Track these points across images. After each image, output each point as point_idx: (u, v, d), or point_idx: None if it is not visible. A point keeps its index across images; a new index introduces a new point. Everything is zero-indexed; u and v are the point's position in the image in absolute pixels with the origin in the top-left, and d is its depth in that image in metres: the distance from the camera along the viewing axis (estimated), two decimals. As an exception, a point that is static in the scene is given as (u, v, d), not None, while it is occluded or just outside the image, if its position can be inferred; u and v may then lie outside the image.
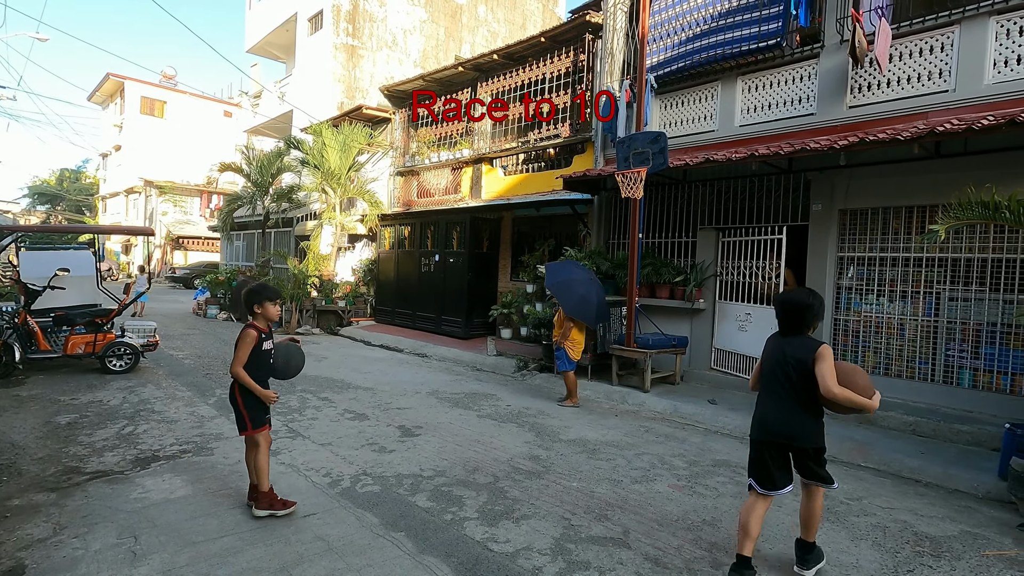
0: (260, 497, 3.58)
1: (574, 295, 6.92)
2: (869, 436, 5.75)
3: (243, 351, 3.55)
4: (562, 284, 7.04)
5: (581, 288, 6.98)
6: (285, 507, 3.60)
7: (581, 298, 6.91)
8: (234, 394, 3.61)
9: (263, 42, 22.03)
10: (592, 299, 6.98)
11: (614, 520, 3.72)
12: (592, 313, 6.98)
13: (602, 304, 7.17)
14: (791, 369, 2.99)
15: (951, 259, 6.19)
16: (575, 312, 6.86)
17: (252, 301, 3.68)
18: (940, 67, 6.26)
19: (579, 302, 6.89)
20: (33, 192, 44.69)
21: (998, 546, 3.58)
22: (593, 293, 7.03)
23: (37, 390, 6.61)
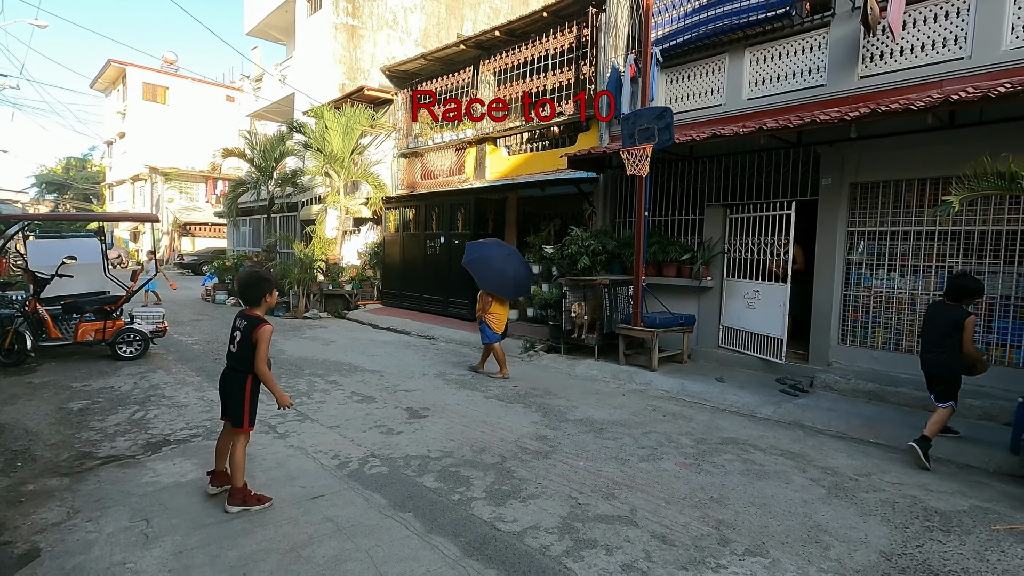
0: (235, 492, 3.44)
1: (489, 270, 7.17)
2: (878, 412, 5.72)
3: (266, 349, 3.44)
4: (477, 261, 7.29)
5: (497, 263, 7.20)
6: (260, 503, 3.46)
7: (497, 272, 7.15)
8: (243, 388, 3.45)
9: (263, 24, 21.77)
10: (508, 273, 7.19)
11: (621, 499, 3.73)
12: (508, 287, 7.21)
13: (520, 278, 7.35)
14: None
15: (964, 232, 6.07)
16: (489, 286, 7.15)
17: (264, 291, 3.55)
18: (956, 33, 6.06)
19: (493, 276, 7.14)
20: (41, 181, 44.89)
21: (1009, 520, 3.56)
22: (510, 268, 7.24)
23: (49, 377, 6.69)
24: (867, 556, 3.10)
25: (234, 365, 3.51)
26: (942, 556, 3.12)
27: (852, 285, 6.87)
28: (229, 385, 3.50)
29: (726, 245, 8.03)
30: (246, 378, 3.46)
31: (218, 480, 3.63)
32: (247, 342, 3.44)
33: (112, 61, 33.60)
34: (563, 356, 8.30)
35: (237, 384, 3.47)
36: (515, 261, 7.43)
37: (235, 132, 24.39)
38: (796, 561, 3.03)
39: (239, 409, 3.46)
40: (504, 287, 7.17)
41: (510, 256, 7.43)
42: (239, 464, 3.47)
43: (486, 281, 7.17)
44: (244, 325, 3.48)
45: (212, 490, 3.61)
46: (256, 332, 3.42)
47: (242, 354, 3.46)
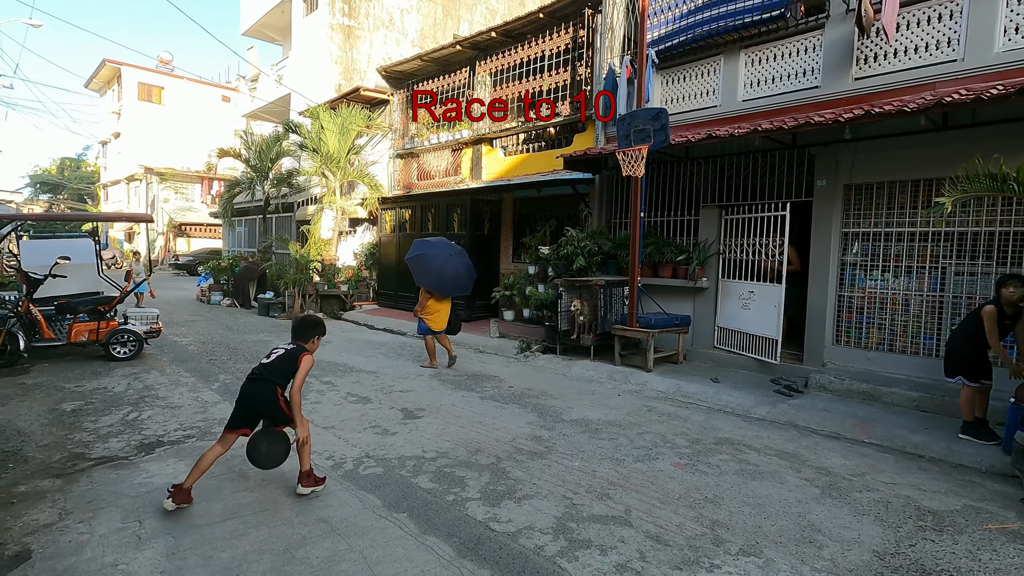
0: (305, 476, 3.64)
1: (428, 268, 7.50)
2: (872, 412, 5.74)
3: (303, 378, 3.62)
4: (416, 259, 7.64)
5: (436, 261, 7.51)
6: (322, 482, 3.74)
7: (435, 270, 7.47)
8: (276, 395, 3.55)
9: (259, 24, 21.71)
10: (447, 272, 7.49)
11: (616, 499, 3.73)
12: (445, 285, 7.51)
13: (459, 278, 7.63)
14: None
15: (957, 233, 6.10)
16: (424, 283, 7.56)
17: (315, 333, 3.84)
18: (948, 35, 6.10)
19: (430, 273, 7.49)
20: (35, 181, 44.69)
21: (1001, 520, 3.58)
22: (450, 267, 7.54)
23: (42, 378, 6.66)
24: (860, 555, 3.11)
25: (263, 375, 3.57)
26: (935, 555, 3.13)
27: (846, 286, 6.90)
28: (263, 397, 3.55)
29: (721, 246, 8.05)
30: (275, 388, 3.57)
31: (180, 498, 3.40)
32: (290, 362, 3.60)
33: (107, 61, 33.45)
34: (559, 357, 8.31)
35: (270, 393, 3.55)
36: (457, 261, 7.69)
37: (231, 132, 24.34)
38: (790, 560, 3.04)
39: (280, 413, 3.56)
40: (440, 285, 7.47)
41: (452, 256, 7.69)
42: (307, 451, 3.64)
43: (422, 277, 7.56)
44: (291, 347, 3.72)
45: (169, 506, 3.37)
46: (302, 357, 3.63)
47: (277, 369, 3.59)
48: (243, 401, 3.57)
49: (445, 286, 7.52)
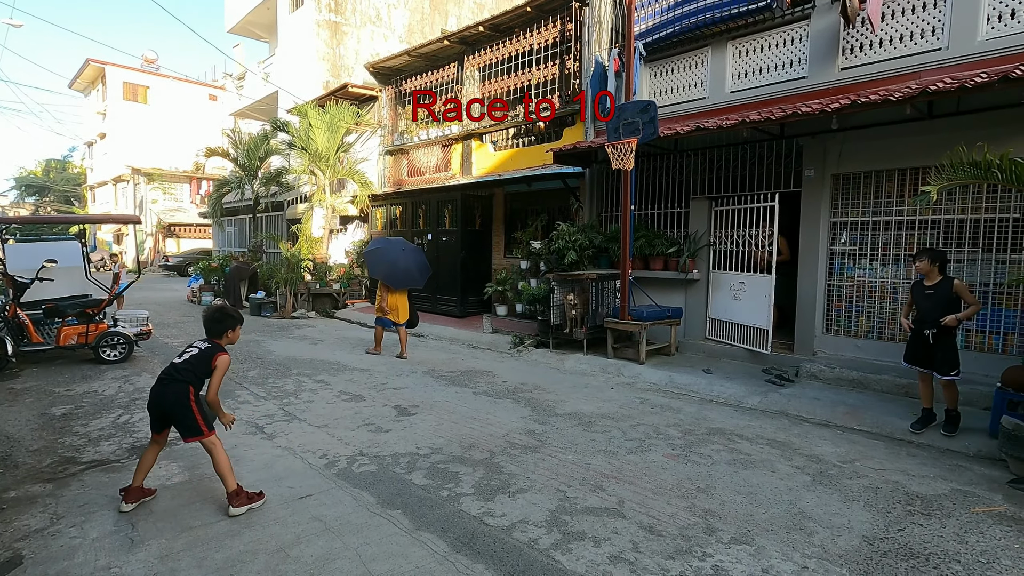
0: (235, 495, 3.41)
1: (381, 261, 8.11)
2: (862, 400, 5.80)
3: (220, 380, 3.48)
4: (372, 253, 8.32)
5: (389, 256, 8.09)
6: (260, 499, 3.52)
7: (388, 264, 8.04)
8: (187, 397, 3.38)
9: (244, 21, 21.50)
10: (399, 265, 8.04)
11: (609, 491, 3.76)
12: (397, 277, 8.06)
13: (409, 271, 8.13)
14: None
15: (944, 221, 6.16)
16: (377, 274, 8.22)
17: (227, 327, 3.59)
18: (933, 24, 6.13)
19: (379, 265, 8.09)
20: (20, 184, 44.14)
21: (988, 502, 3.64)
22: (401, 261, 8.07)
23: (31, 382, 6.60)
24: (850, 541, 3.15)
25: (174, 375, 3.40)
26: (923, 539, 3.18)
27: (836, 275, 6.95)
28: (172, 397, 3.37)
29: (712, 237, 8.08)
30: (187, 388, 3.39)
31: (133, 496, 3.44)
32: (204, 362, 3.44)
33: (91, 60, 32.99)
34: (552, 351, 8.33)
35: (181, 394, 3.37)
36: (410, 257, 8.22)
37: (218, 131, 24.10)
38: (780, 547, 3.07)
39: (191, 418, 3.36)
40: (392, 277, 8.05)
41: (405, 251, 8.25)
42: (225, 468, 3.41)
43: (375, 269, 8.21)
44: (205, 347, 3.52)
45: (125, 507, 3.39)
46: (217, 358, 3.45)
47: (188, 369, 3.42)
48: (152, 405, 3.44)
49: (397, 279, 8.06)
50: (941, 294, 4.78)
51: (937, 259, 4.86)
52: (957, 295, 4.74)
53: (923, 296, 4.90)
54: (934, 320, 4.76)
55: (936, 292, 4.81)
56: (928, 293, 4.86)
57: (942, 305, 4.76)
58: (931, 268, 4.83)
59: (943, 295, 4.77)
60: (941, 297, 4.77)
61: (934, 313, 4.77)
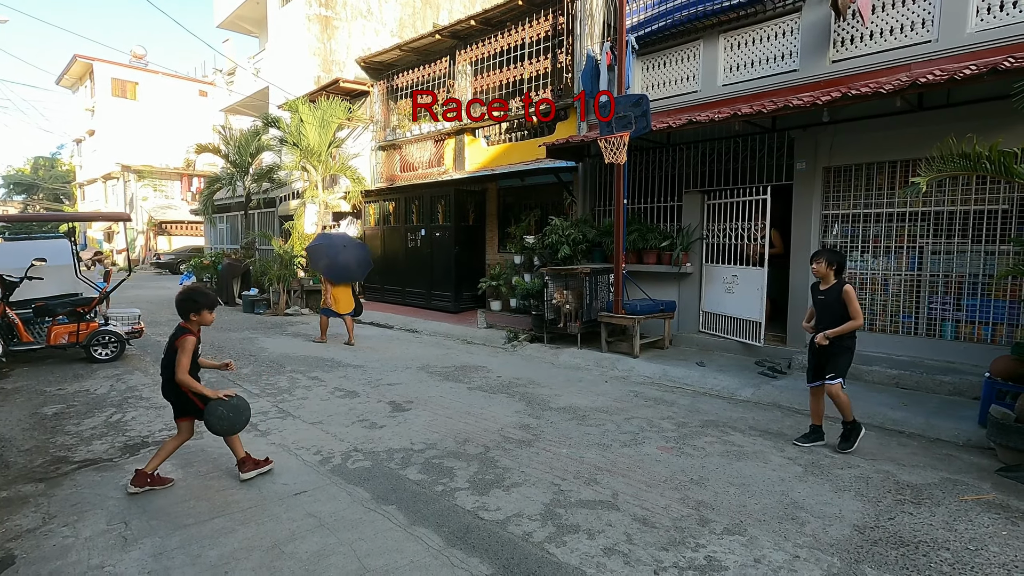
0: (140, 475, 3.62)
1: (322, 256, 8.71)
2: (853, 390, 5.81)
3: (186, 359, 3.58)
4: (314, 248, 8.96)
5: (330, 251, 8.69)
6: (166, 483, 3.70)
7: (329, 259, 8.65)
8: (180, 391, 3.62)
9: (233, 16, 21.29)
10: (339, 260, 8.67)
11: (603, 484, 3.77)
12: (337, 272, 8.69)
13: (348, 266, 8.78)
14: None
15: (934, 212, 6.20)
16: (317, 269, 8.98)
17: (189, 309, 3.64)
18: (923, 16, 6.16)
19: (320, 260, 8.71)
20: (8, 182, 43.66)
21: (976, 491, 3.68)
22: (341, 256, 8.70)
23: (22, 382, 6.54)
24: (841, 530, 3.18)
25: (163, 372, 3.70)
26: (913, 527, 3.21)
27: (827, 267, 6.98)
28: (166, 388, 3.70)
29: (705, 231, 8.11)
30: (174, 385, 3.63)
31: (140, 481, 3.61)
32: (172, 350, 3.62)
33: (78, 56, 32.63)
34: (546, 345, 8.34)
35: (172, 390, 3.66)
36: (350, 252, 8.84)
37: (209, 127, 23.95)
38: (773, 537, 3.10)
39: (190, 403, 3.66)
40: (332, 272, 8.67)
41: (346, 247, 8.89)
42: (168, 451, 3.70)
43: (316, 263, 8.89)
44: (172, 334, 3.68)
45: (132, 489, 3.60)
46: (178, 340, 3.59)
47: (167, 360, 3.65)
48: (164, 394, 3.76)
49: (336, 273, 8.68)
50: (831, 300, 4.36)
51: (834, 261, 4.40)
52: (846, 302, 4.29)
53: (816, 301, 4.51)
54: (821, 330, 4.38)
55: (827, 298, 4.39)
56: (820, 298, 4.46)
57: (830, 312, 4.36)
58: (827, 271, 4.38)
59: (832, 301, 4.35)
60: (831, 303, 4.36)
61: (823, 322, 4.41)
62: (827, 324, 4.36)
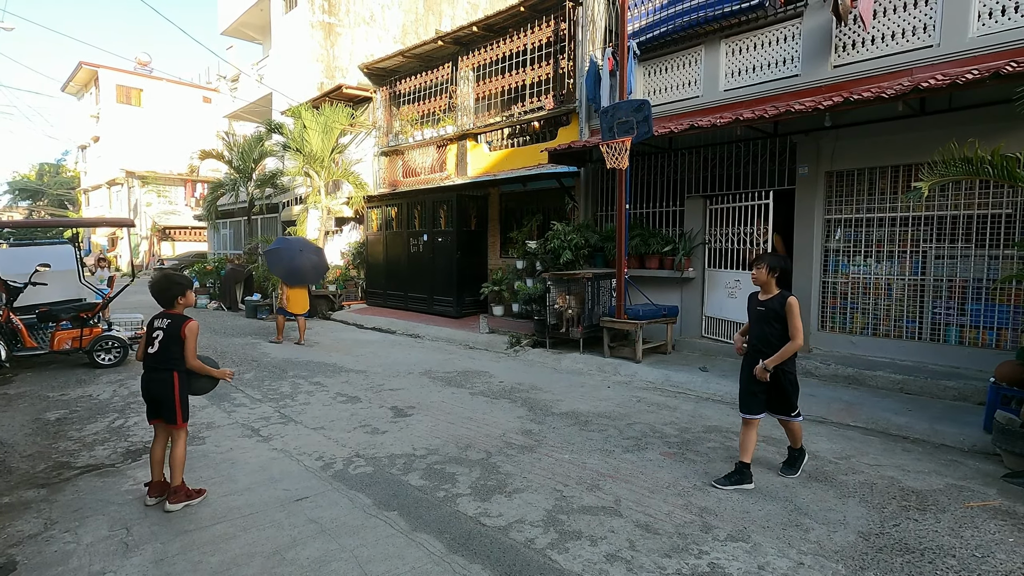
0: (176, 491, 3.49)
1: (279, 261, 9.27)
2: (857, 396, 5.82)
3: (194, 344, 3.56)
4: (270, 253, 9.54)
5: (286, 256, 9.27)
6: (200, 495, 3.60)
7: (285, 263, 9.21)
8: (171, 386, 3.47)
9: (237, 23, 21.43)
10: (295, 265, 9.22)
11: (606, 490, 3.76)
12: (293, 276, 9.26)
13: (304, 271, 9.35)
14: None
15: (937, 217, 6.19)
16: (275, 272, 9.53)
17: (175, 294, 3.58)
18: (924, 21, 6.16)
19: (278, 264, 9.26)
20: (13, 188, 43.87)
21: (982, 497, 3.65)
22: (296, 261, 9.27)
23: (25, 387, 6.56)
24: (846, 537, 3.16)
25: (155, 365, 3.50)
26: (918, 534, 3.19)
27: (830, 272, 6.98)
28: (156, 387, 3.49)
29: (707, 236, 8.10)
30: (171, 375, 3.49)
31: (156, 490, 3.56)
32: (173, 339, 3.48)
33: (83, 63, 32.83)
34: (548, 350, 8.33)
35: (163, 382, 3.48)
36: (305, 257, 9.39)
37: (213, 133, 24.03)
38: (777, 544, 3.08)
39: (171, 407, 3.49)
40: (288, 275, 9.22)
41: (303, 252, 9.45)
42: (180, 462, 3.52)
43: (274, 267, 9.41)
44: (167, 323, 3.52)
45: (150, 501, 3.53)
46: (184, 327, 3.50)
47: (164, 353, 3.49)
48: (144, 393, 3.58)
49: (292, 277, 9.24)
50: (770, 313, 3.77)
51: (776, 267, 3.83)
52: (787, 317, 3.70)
53: (754, 312, 3.89)
54: (758, 349, 3.81)
55: (766, 309, 3.80)
56: (759, 310, 3.86)
57: (768, 327, 3.79)
58: (767, 278, 3.82)
59: (772, 315, 3.76)
60: (770, 316, 3.77)
61: (759, 337, 3.83)
62: (763, 341, 3.80)
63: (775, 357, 3.71)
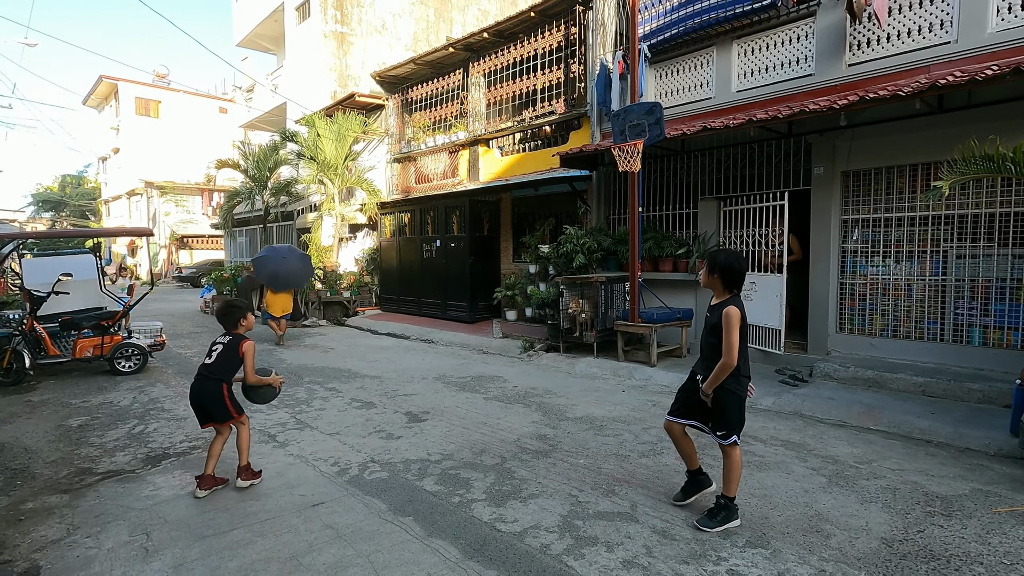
0: (245, 470, 3.94)
1: (265, 267, 9.79)
2: (878, 399, 5.71)
3: (253, 360, 3.95)
4: (258, 260, 10.06)
5: (271, 263, 9.78)
6: (259, 477, 4.03)
7: (271, 270, 9.72)
8: (221, 393, 3.82)
9: (252, 35, 21.81)
10: (280, 272, 9.74)
11: (621, 495, 3.72)
12: (277, 283, 9.79)
13: (288, 277, 9.89)
14: None
15: (957, 216, 6.07)
16: (263, 280, 10.07)
17: (238, 316, 4.01)
18: (941, 17, 6.07)
19: (264, 270, 9.79)
20: (37, 199, 44.92)
21: (1010, 502, 3.56)
22: (281, 268, 9.77)
23: (48, 395, 6.69)
24: (868, 543, 3.09)
25: (208, 375, 3.83)
26: (943, 541, 3.11)
27: (848, 273, 6.87)
28: (209, 393, 3.82)
29: (721, 238, 8.03)
30: (220, 386, 3.83)
31: (206, 483, 3.82)
32: (231, 354, 3.88)
33: (104, 77, 33.60)
34: (562, 355, 8.30)
35: (215, 391, 3.81)
36: (290, 264, 9.91)
37: (229, 143, 24.42)
38: (797, 551, 3.02)
39: (224, 409, 3.84)
40: (273, 281, 9.75)
41: (287, 259, 9.98)
42: (245, 445, 3.95)
43: (259, 273, 9.95)
44: (228, 340, 3.92)
45: (200, 493, 3.78)
46: (243, 346, 3.90)
47: (220, 366, 3.85)
48: (193, 399, 3.89)
49: (277, 283, 9.76)
50: (711, 322, 3.29)
51: (715, 268, 3.27)
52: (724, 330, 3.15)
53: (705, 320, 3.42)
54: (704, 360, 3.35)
55: (711, 317, 3.31)
56: (706, 316, 3.40)
57: (707, 339, 3.34)
58: (710, 280, 3.32)
59: (712, 324, 3.28)
60: (711, 327, 3.29)
61: (702, 350, 3.40)
62: (705, 354, 3.35)
63: (710, 380, 3.20)
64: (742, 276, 3.30)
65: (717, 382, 3.20)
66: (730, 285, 3.27)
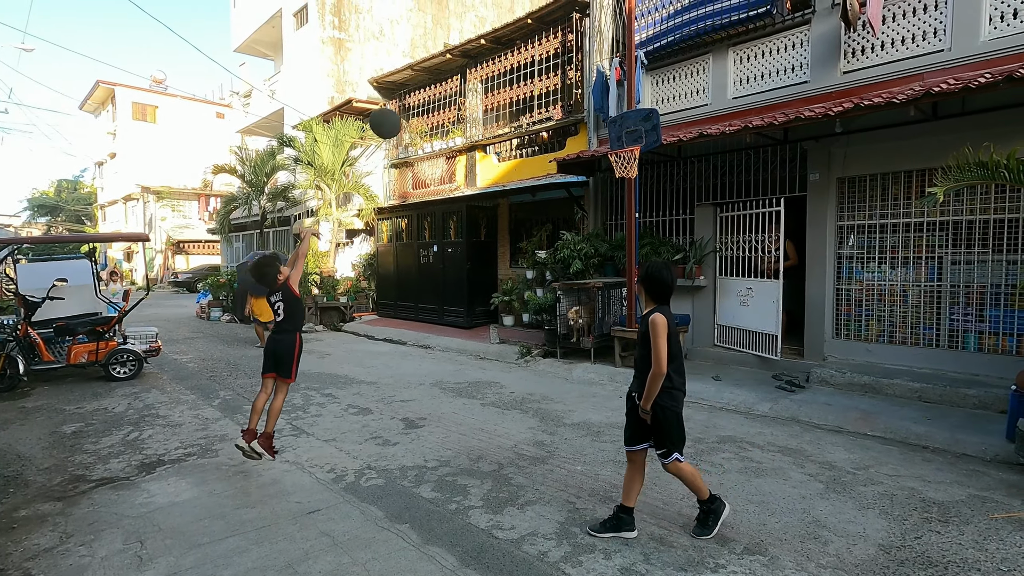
0: (268, 437, 4.36)
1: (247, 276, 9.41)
2: (875, 405, 5.72)
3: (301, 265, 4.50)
4: (241, 267, 10.43)
5: None
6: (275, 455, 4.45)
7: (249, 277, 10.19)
8: (294, 345, 4.33)
9: (250, 40, 21.84)
10: None
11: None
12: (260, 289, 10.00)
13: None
14: None
15: (952, 222, 6.10)
16: (246, 287, 10.36)
17: (276, 271, 4.33)
18: (935, 26, 6.12)
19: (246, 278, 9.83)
20: (33, 204, 44.76)
21: (1007, 508, 3.56)
22: None
23: (42, 401, 6.64)
24: (866, 550, 3.09)
25: (284, 327, 4.35)
26: (941, 547, 3.11)
27: (844, 279, 6.89)
28: (285, 345, 4.32)
29: (718, 244, 8.05)
30: (295, 337, 4.35)
31: (249, 436, 4.26)
32: (293, 301, 4.35)
33: (100, 82, 33.57)
34: (559, 360, 8.29)
35: (290, 343, 4.33)
36: None
37: (226, 148, 24.39)
38: (795, 558, 3.02)
39: (290, 363, 4.32)
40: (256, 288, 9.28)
41: None
42: (277, 411, 4.39)
43: (243, 280, 10.41)
44: (281, 294, 4.33)
45: (240, 442, 4.24)
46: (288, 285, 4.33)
47: (289, 319, 4.34)
48: (270, 346, 4.38)
49: (258, 289, 9.23)
50: (643, 330, 3.16)
51: (644, 280, 3.22)
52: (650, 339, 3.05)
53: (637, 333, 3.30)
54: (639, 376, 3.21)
55: (640, 327, 3.22)
56: (638, 328, 3.29)
57: (640, 350, 3.23)
58: (638, 288, 3.31)
59: (642, 335, 3.17)
60: (643, 335, 3.16)
61: (638, 362, 3.26)
62: (639, 368, 3.23)
63: (644, 396, 3.08)
64: (669, 288, 3.20)
65: (652, 396, 3.05)
66: (656, 297, 3.20)
